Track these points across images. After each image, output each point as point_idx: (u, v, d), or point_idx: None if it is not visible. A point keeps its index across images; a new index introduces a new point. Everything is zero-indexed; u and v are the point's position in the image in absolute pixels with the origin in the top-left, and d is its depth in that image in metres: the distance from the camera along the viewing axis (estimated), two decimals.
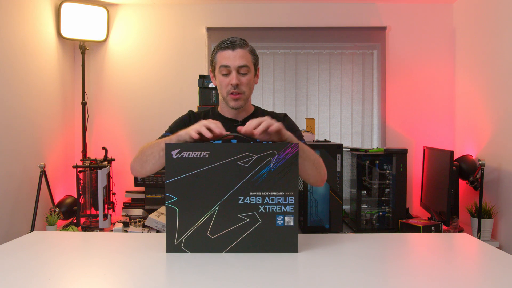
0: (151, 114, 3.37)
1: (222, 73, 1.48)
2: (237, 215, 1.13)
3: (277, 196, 1.13)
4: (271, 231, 1.13)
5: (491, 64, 2.78)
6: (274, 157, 1.12)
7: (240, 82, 1.48)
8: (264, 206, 1.13)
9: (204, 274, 0.99)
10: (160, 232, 2.70)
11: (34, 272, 1.01)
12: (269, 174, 1.12)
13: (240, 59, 1.47)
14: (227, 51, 1.48)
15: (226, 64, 1.47)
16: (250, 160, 1.12)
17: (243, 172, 1.13)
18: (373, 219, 2.67)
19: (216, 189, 1.14)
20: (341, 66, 3.38)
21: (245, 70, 1.48)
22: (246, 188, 1.13)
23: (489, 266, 1.08)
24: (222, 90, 1.52)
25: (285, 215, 1.13)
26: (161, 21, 3.38)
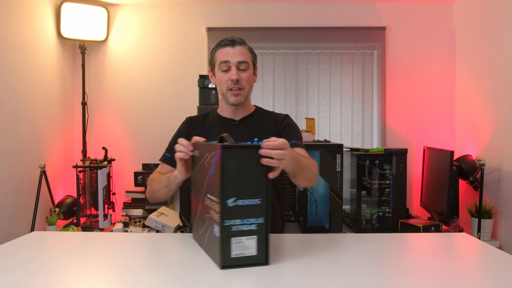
0: (151, 114, 3.37)
1: (222, 69, 1.50)
2: (204, 215, 1.11)
3: (215, 202, 1.02)
4: (212, 239, 1.04)
5: (491, 64, 2.78)
6: (214, 158, 1.01)
7: (240, 78, 1.49)
8: (211, 210, 1.04)
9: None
10: (160, 232, 2.69)
11: (34, 272, 1.01)
12: (212, 176, 1.03)
13: (240, 55, 1.49)
14: (227, 48, 1.49)
15: (226, 59, 1.48)
16: (208, 161, 1.07)
17: (205, 172, 1.09)
18: (373, 219, 2.67)
19: (200, 187, 1.14)
20: (341, 66, 3.38)
21: (244, 66, 1.50)
22: (206, 189, 1.08)
23: (489, 266, 1.08)
24: (222, 86, 1.53)
25: (216, 224, 1.01)
26: (161, 21, 3.38)
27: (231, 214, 0.98)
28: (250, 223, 1.00)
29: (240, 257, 0.99)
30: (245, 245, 1.00)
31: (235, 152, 0.99)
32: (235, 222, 0.98)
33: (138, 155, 3.34)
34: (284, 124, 1.61)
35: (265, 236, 1.01)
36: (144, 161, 3.26)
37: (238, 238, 0.99)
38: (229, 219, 0.98)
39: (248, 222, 1.00)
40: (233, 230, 0.98)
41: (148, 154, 3.31)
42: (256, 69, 1.59)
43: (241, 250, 0.99)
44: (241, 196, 0.99)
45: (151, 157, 3.28)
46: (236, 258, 0.99)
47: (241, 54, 1.49)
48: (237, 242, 0.99)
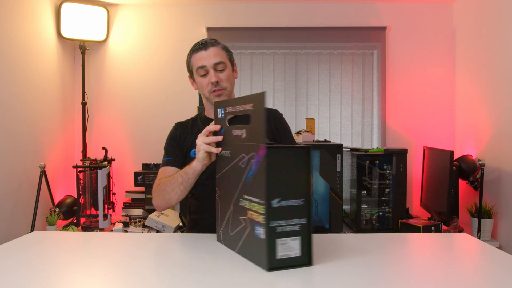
0: (151, 114, 3.36)
1: (200, 74, 1.50)
2: (239, 217, 1.10)
3: (256, 203, 1.00)
4: (253, 241, 1.03)
5: (491, 64, 2.78)
6: (255, 159, 1.01)
7: (219, 79, 1.49)
8: (250, 212, 1.03)
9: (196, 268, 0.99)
10: (160, 232, 2.70)
11: (34, 272, 1.01)
12: (253, 178, 1.02)
13: (215, 57, 1.48)
14: (200, 52, 1.49)
15: (202, 64, 1.48)
16: (244, 162, 1.07)
17: (241, 173, 1.08)
18: (373, 219, 2.67)
19: (231, 188, 1.13)
20: (341, 66, 3.38)
21: (221, 66, 1.49)
22: (242, 190, 1.08)
23: (489, 266, 1.08)
24: (204, 91, 1.53)
25: (260, 226, 0.99)
26: (161, 21, 3.38)
27: (276, 215, 0.97)
28: (294, 223, 1.00)
29: (285, 259, 0.99)
30: (290, 246, 0.99)
31: (279, 152, 0.99)
32: (279, 223, 0.98)
33: (138, 155, 3.34)
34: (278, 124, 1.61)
35: (308, 236, 1.02)
36: (144, 161, 3.26)
37: (283, 239, 0.98)
38: (274, 220, 0.97)
39: (292, 222, 0.99)
40: (278, 231, 0.98)
41: (148, 154, 3.31)
42: (235, 65, 1.59)
43: (286, 251, 0.99)
44: (285, 197, 0.98)
45: (151, 157, 3.28)
46: (282, 259, 0.99)
47: (216, 55, 1.49)
48: (282, 244, 0.99)
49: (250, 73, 3.38)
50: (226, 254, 1.14)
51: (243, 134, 1.09)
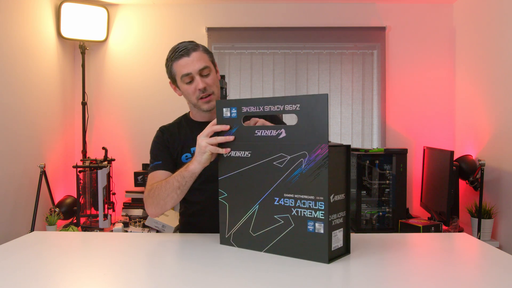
0: (151, 114, 3.36)
1: (186, 82, 1.46)
2: (273, 216, 1.12)
3: (308, 200, 1.07)
4: (302, 237, 1.08)
5: (491, 64, 2.78)
6: (305, 158, 1.06)
7: (207, 84, 1.45)
8: (297, 210, 1.08)
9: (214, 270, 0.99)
10: (160, 232, 2.70)
11: (34, 272, 1.01)
12: (301, 176, 1.07)
13: (199, 62, 1.43)
14: (183, 59, 1.44)
15: (187, 72, 1.43)
16: (284, 161, 1.10)
17: (278, 172, 1.11)
18: (373, 219, 2.67)
19: (256, 188, 1.15)
20: (341, 66, 3.38)
21: (207, 71, 1.45)
22: (281, 189, 1.11)
23: (489, 266, 1.08)
24: (191, 97, 1.49)
25: (316, 221, 1.05)
26: (161, 21, 3.38)
27: (332, 209, 1.06)
28: (340, 217, 1.09)
29: (335, 249, 1.08)
30: (338, 238, 1.09)
31: (332, 151, 1.06)
32: (333, 217, 1.06)
33: (138, 155, 3.34)
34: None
35: (347, 227, 1.12)
36: (144, 161, 3.26)
37: (335, 232, 1.07)
38: (331, 214, 1.05)
39: (339, 216, 1.09)
40: (332, 224, 1.06)
41: (148, 154, 3.28)
42: (216, 65, 1.54)
43: (336, 243, 1.08)
44: (336, 192, 1.07)
45: None
46: (334, 250, 1.07)
47: (200, 60, 1.44)
48: (335, 236, 1.08)
49: (250, 73, 3.38)
50: (232, 254, 1.14)
51: (281, 134, 1.11)
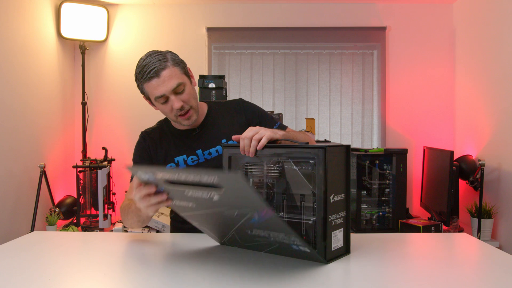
0: (151, 114, 3.34)
1: (161, 102, 1.36)
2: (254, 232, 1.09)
3: None
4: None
5: (491, 64, 2.78)
6: (255, 215, 0.98)
7: (183, 101, 1.35)
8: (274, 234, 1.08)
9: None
10: (160, 232, 2.70)
11: (34, 272, 1.01)
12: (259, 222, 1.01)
13: (170, 80, 1.32)
14: (153, 80, 1.32)
15: (160, 94, 1.33)
16: (234, 212, 1.02)
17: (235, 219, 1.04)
18: (373, 219, 2.67)
19: (224, 224, 1.11)
20: (341, 66, 3.38)
21: (181, 88, 1.34)
22: (247, 226, 1.06)
23: (489, 266, 1.08)
24: (169, 115, 1.41)
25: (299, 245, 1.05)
26: (161, 21, 3.38)
27: (332, 209, 1.05)
28: (340, 217, 1.08)
29: (335, 250, 1.07)
30: (338, 238, 1.08)
31: (331, 151, 1.06)
32: (332, 217, 1.06)
33: None
34: (248, 113, 1.51)
35: (347, 227, 1.11)
36: None
37: (335, 232, 1.07)
38: (331, 214, 1.05)
39: (338, 216, 1.08)
40: (332, 225, 1.06)
41: None
42: (190, 73, 1.43)
43: (336, 243, 1.07)
44: (336, 192, 1.07)
45: None
46: (334, 250, 1.06)
47: (171, 78, 1.32)
48: (335, 236, 1.07)
49: (250, 73, 3.38)
50: (231, 254, 1.14)
51: (213, 197, 0.94)
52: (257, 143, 1.13)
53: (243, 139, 1.15)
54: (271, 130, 1.18)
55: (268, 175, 1.15)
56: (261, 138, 1.13)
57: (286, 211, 1.12)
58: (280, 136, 1.20)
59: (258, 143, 1.13)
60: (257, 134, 1.14)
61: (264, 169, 1.15)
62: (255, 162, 1.17)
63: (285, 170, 1.11)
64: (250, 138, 1.14)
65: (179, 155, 1.46)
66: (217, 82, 2.72)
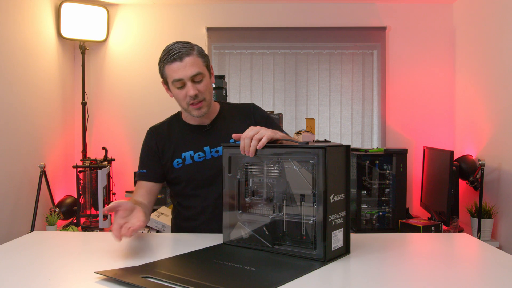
0: (151, 114, 3.35)
1: (177, 86, 1.39)
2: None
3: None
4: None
5: (491, 64, 2.78)
6: None
7: (198, 91, 1.38)
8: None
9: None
10: (160, 232, 2.70)
11: (34, 272, 1.01)
12: None
13: (192, 68, 1.36)
14: (175, 63, 1.37)
15: (178, 77, 1.37)
16: None
17: None
18: (373, 219, 2.67)
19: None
20: (341, 66, 3.38)
21: (199, 77, 1.38)
22: None
23: (489, 266, 1.08)
24: (181, 103, 1.43)
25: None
26: (161, 21, 3.38)
27: (331, 209, 1.05)
28: (340, 217, 1.08)
29: (335, 250, 1.07)
30: (338, 238, 1.08)
31: (331, 151, 1.06)
32: (332, 217, 1.05)
33: (138, 155, 3.32)
34: (257, 117, 1.53)
35: (347, 227, 1.11)
36: None
37: (335, 232, 1.07)
38: (331, 214, 1.05)
39: (339, 216, 1.08)
40: (332, 225, 1.06)
41: None
42: (211, 69, 1.47)
43: (336, 243, 1.07)
44: (336, 192, 1.07)
45: None
46: (334, 250, 1.06)
47: (192, 66, 1.36)
48: (335, 236, 1.07)
49: (250, 73, 3.38)
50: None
51: None
52: (257, 142, 1.13)
53: (244, 139, 1.16)
54: (272, 130, 1.18)
55: (268, 175, 1.15)
56: (261, 138, 1.14)
57: (286, 211, 1.12)
58: (281, 136, 1.20)
59: (259, 143, 1.13)
60: (258, 134, 1.15)
61: (264, 169, 1.15)
62: (255, 162, 1.17)
63: (285, 170, 1.11)
64: (250, 138, 1.14)
65: (186, 151, 1.47)
66: (217, 82, 2.72)
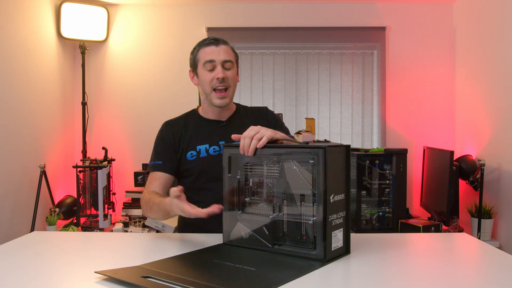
0: (151, 114, 3.36)
1: (207, 68, 1.47)
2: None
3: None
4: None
5: (491, 64, 2.78)
6: None
7: (226, 76, 1.46)
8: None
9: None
10: (160, 232, 2.70)
11: (34, 272, 1.01)
12: None
13: (225, 54, 1.47)
14: (211, 46, 1.48)
15: (211, 59, 1.46)
16: None
17: None
18: (373, 219, 2.67)
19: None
20: (341, 66, 3.38)
21: (229, 65, 1.47)
22: None
23: (489, 266, 1.08)
24: (206, 86, 1.49)
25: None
26: (161, 21, 3.38)
27: (331, 209, 1.05)
28: (340, 217, 1.08)
29: (335, 250, 1.07)
30: (338, 238, 1.08)
31: (331, 150, 1.06)
32: (332, 217, 1.05)
33: (138, 155, 3.34)
34: (270, 118, 1.60)
35: (347, 227, 1.11)
36: (144, 161, 3.26)
37: (335, 232, 1.07)
38: (331, 214, 1.05)
39: (339, 216, 1.08)
40: (332, 225, 1.06)
41: (148, 154, 3.24)
42: (238, 68, 1.56)
43: (336, 243, 1.07)
44: (336, 192, 1.07)
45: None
46: (333, 251, 1.06)
47: (226, 53, 1.47)
48: (335, 236, 1.07)
49: (250, 73, 3.38)
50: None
51: None
52: (258, 142, 1.14)
53: (244, 138, 1.16)
54: (272, 130, 1.18)
55: (268, 175, 1.15)
56: (262, 138, 1.14)
57: (286, 211, 1.12)
58: (281, 136, 1.20)
59: (259, 142, 1.13)
60: (258, 134, 1.15)
61: (264, 169, 1.15)
62: (255, 162, 1.17)
63: (285, 170, 1.11)
64: (251, 137, 1.15)
65: (201, 144, 1.50)
66: None
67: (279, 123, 1.61)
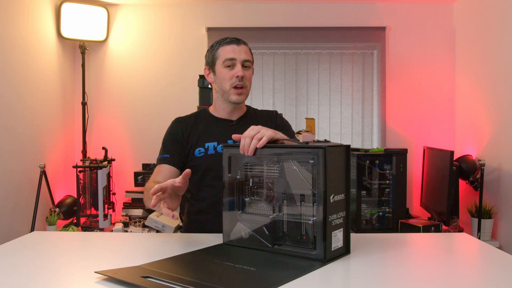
0: (151, 114, 3.36)
1: (227, 65, 1.49)
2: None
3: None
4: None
5: (491, 64, 2.78)
6: None
7: (245, 75, 1.49)
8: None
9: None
10: (160, 232, 2.70)
11: (34, 272, 1.00)
12: None
13: (245, 54, 1.50)
14: (232, 45, 1.50)
15: (232, 57, 1.48)
16: None
17: None
18: (373, 219, 2.67)
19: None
20: (341, 66, 3.38)
21: (249, 64, 1.51)
22: None
23: (489, 266, 1.08)
24: (225, 83, 1.49)
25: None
26: (161, 21, 3.38)
27: (331, 209, 1.05)
28: (339, 217, 1.08)
29: (335, 250, 1.07)
30: (338, 238, 1.08)
31: (331, 150, 1.05)
32: (332, 217, 1.05)
33: (138, 155, 3.34)
34: (278, 122, 1.62)
35: (347, 227, 1.11)
36: (144, 161, 3.26)
37: (335, 232, 1.07)
38: (330, 215, 1.04)
39: (338, 216, 1.08)
40: (332, 225, 1.05)
41: (148, 154, 3.30)
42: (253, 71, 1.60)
43: (336, 243, 1.07)
44: (336, 192, 1.06)
45: (151, 157, 3.28)
46: (333, 251, 1.06)
47: (246, 53, 1.51)
48: (335, 236, 1.07)
49: None
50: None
51: None
52: (258, 142, 1.14)
53: (244, 138, 1.16)
54: (272, 130, 1.18)
55: (268, 175, 1.15)
56: (262, 137, 1.14)
57: (286, 211, 1.12)
58: (281, 136, 1.21)
59: (259, 142, 1.14)
60: (259, 134, 1.16)
61: (264, 169, 1.15)
62: (255, 162, 1.16)
63: (285, 170, 1.11)
64: (251, 137, 1.15)
65: (210, 141, 1.52)
66: None
67: (286, 127, 1.63)
